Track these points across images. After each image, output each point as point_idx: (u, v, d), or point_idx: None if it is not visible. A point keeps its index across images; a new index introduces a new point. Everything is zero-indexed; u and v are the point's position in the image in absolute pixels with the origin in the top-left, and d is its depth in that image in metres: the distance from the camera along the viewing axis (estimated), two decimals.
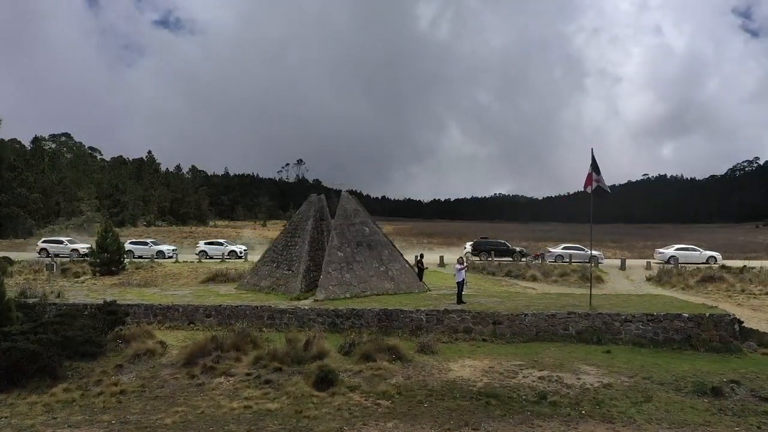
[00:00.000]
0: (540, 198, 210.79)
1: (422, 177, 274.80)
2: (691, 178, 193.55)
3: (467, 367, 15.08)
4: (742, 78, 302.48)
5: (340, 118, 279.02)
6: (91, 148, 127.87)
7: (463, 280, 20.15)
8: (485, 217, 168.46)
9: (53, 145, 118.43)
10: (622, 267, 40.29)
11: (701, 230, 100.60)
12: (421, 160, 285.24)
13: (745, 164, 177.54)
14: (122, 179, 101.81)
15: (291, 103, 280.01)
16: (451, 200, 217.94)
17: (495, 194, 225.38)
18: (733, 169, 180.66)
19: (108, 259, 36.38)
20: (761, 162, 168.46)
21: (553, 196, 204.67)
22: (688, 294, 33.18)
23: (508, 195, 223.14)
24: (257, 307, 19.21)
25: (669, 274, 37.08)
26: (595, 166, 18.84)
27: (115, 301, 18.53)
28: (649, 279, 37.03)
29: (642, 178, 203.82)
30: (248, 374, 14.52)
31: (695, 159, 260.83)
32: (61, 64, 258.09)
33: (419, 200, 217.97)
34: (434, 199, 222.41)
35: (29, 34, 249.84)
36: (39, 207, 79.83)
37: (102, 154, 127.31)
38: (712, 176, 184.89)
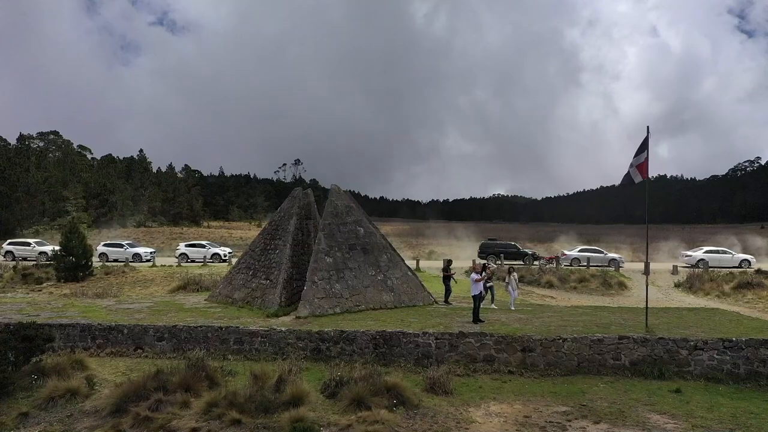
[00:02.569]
0: (539, 198, 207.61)
1: (422, 178, 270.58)
2: (691, 178, 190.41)
3: (494, 415, 11.12)
4: (738, 77, 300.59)
5: (339, 118, 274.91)
6: (80, 146, 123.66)
7: (481, 293, 16.20)
8: (484, 217, 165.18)
9: (41, 144, 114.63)
10: (646, 271, 36.29)
11: (708, 231, 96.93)
12: (421, 160, 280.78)
13: (746, 164, 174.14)
14: (111, 178, 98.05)
15: (288, 103, 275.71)
16: (450, 201, 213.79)
17: (494, 195, 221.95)
18: (734, 169, 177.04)
19: (73, 264, 32.52)
20: (762, 162, 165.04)
21: (553, 196, 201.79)
22: (726, 302, 29.53)
23: (507, 195, 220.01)
24: (221, 329, 15.18)
25: (700, 279, 33.35)
26: (642, 147, 15.00)
27: (34, 322, 14.51)
28: (677, 285, 33.33)
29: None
30: (194, 430, 10.55)
31: (691, 158, 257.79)
32: (56, 62, 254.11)
33: (417, 200, 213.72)
34: (433, 200, 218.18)
35: (25, 32, 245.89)
36: (23, 207, 76.31)
37: (92, 153, 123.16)
38: (713, 176, 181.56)
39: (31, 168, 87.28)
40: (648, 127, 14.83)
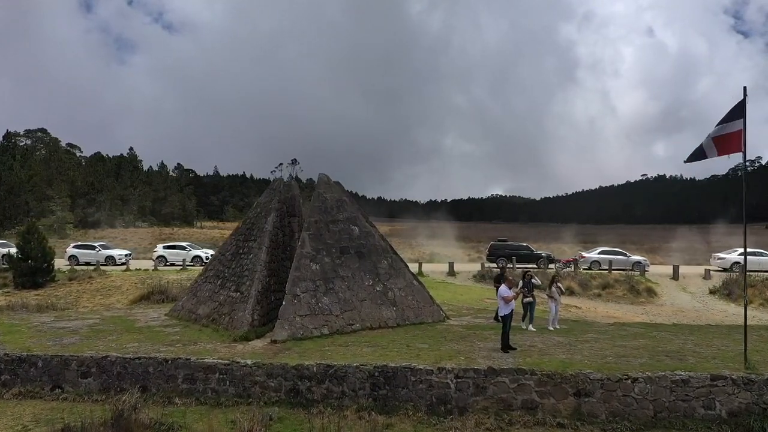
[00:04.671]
0: (538, 199, 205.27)
1: (421, 178, 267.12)
2: (691, 177, 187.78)
3: None
4: (735, 77, 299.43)
5: (337, 116, 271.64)
6: (69, 144, 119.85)
7: (512, 312, 12.37)
8: (483, 218, 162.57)
9: (28, 141, 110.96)
10: (675, 276, 32.62)
11: (715, 231, 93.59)
12: (420, 160, 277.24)
13: (747, 164, 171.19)
14: (99, 177, 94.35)
15: (285, 101, 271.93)
16: (448, 201, 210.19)
17: (492, 195, 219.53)
18: (734, 169, 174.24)
19: (31, 269, 28.68)
20: (763, 161, 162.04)
21: (552, 196, 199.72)
22: None
23: (505, 196, 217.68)
24: (166, 363, 11.34)
25: (738, 285, 29.72)
26: (737, 114, 11.24)
27: None
28: (713, 292, 29.78)
29: (641, 178, 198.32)
30: None
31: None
32: (52, 61, 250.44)
33: (416, 201, 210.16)
34: (431, 200, 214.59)
35: (22, 31, 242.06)
36: (5, 206, 72.73)
37: (82, 151, 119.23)
38: (714, 176, 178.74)
39: (15, 166, 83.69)
40: (745, 87, 11.06)
